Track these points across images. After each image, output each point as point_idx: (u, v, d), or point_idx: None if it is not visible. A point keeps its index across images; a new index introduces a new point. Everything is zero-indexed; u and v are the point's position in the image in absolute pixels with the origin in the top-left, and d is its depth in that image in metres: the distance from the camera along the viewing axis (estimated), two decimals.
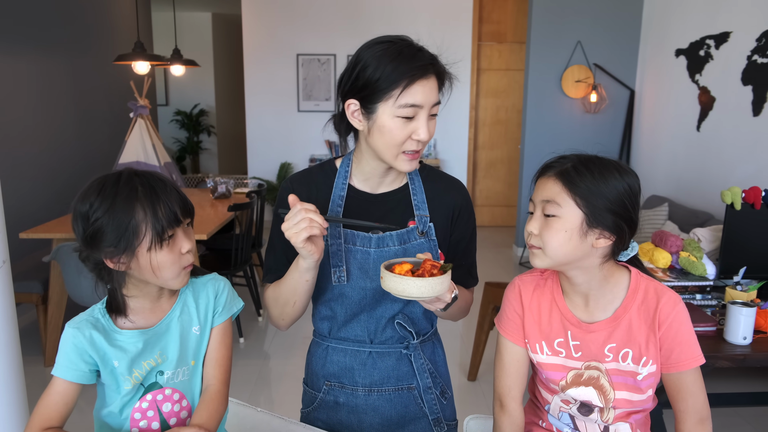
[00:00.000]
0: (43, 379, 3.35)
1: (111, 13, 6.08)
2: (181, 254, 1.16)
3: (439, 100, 1.26)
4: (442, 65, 1.26)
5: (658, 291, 1.25)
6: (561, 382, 1.30)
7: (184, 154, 9.88)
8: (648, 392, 1.26)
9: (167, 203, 1.13)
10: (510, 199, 7.43)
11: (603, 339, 1.26)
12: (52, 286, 3.45)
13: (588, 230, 1.17)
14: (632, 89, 5.62)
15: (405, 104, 1.20)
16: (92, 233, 1.10)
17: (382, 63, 1.20)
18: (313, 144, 7.22)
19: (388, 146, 1.25)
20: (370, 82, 1.21)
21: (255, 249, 4.58)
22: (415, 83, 1.19)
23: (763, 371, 3.43)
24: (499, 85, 7.27)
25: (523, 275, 1.38)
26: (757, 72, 3.90)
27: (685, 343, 1.22)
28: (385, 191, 1.39)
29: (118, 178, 1.13)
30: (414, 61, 1.20)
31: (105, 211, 1.09)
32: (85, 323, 1.19)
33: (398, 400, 1.41)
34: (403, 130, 1.22)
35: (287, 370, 3.51)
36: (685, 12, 4.80)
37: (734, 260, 2.41)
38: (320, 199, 1.36)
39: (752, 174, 3.91)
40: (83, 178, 1.14)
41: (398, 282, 1.13)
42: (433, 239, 1.36)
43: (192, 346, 1.26)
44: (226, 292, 1.32)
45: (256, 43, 6.99)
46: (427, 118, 1.23)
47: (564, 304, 1.30)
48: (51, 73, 4.92)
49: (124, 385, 1.18)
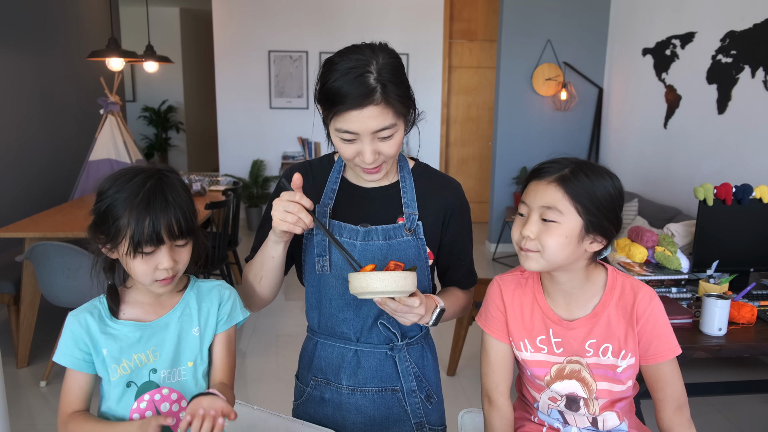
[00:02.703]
0: (16, 380, 3.29)
1: (80, 8, 5.95)
2: (156, 268, 1.16)
3: (385, 126, 1.20)
4: (394, 92, 1.19)
5: (635, 287, 1.30)
6: (546, 378, 1.34)
7: (153, 151, 9.73)
8: (628, 383, 1.31)
9: (154, 221, 1.12)
10: (482, 195, 7.51)
11: (583, 335, 1.30)
12: (24, 286, 3.38)
13: (585, 236, 1.20)
14: (601, 87, 5.74)
15: (339, 129, 1.21)
16: (96, 213, 1.16)
17: (328, 82, 1.19)
18: (285, 141, 7.19)
19: (342, 157, 1.29)
20: (320, 95, 1.23)
21: (231, 247, 4.54)
22: (347, 111, 1.17)
23: (732, 361, 3.56)
24: (470, 83, 7.34)
25: (504, 275, 1.41)
26: (721, 71, 4.02)
27: (663, 336, 1.27)
28: (376, 186, 1.40)
29: (137, 173, 1.16)
30: (353, 87, 1.16)
31: (109, 199, 1.14)
32: (83, 310, 1.22)
33: (381, 401, 1.43)
34: (348, 150, 1.23)
35: (266, 369, 3.51)
36: (651, 12, 4.92)
37: (707, 254, 2.50)
38: (315, 190, 1.39)
39: (717, 170, 4.04)
40: (52, 175, 1.17)
41: (361, 278, 1.13)
42: (420, 237, 1.37)
43: (190, 347, 1.27)
44: (231, 301, 1.33)
45: (227, 39, 6.92)
46: (371, 142, 1.21)
47: (545, 302, 1.34)
48: (18, 68, 4.80)
49: (111, 374, 1.19)
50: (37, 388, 3.23)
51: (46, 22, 5.27)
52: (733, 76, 3.89)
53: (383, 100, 1.17)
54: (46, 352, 3.62)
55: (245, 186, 6.96)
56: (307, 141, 7.09)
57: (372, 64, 1.18)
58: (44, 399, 3.14)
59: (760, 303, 2.37)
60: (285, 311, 4.48)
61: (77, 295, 3.13)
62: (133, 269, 1.16)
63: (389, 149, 1.24)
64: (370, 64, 1.18)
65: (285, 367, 3.49)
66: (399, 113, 1.22)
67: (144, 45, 5.81)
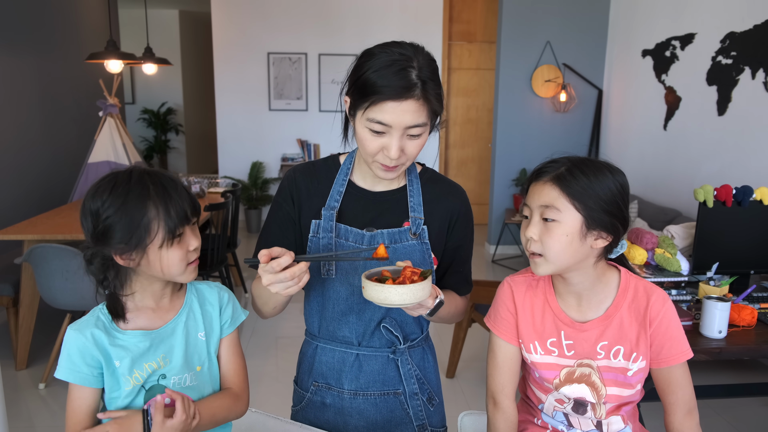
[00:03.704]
0: (15, 382, 3.28)
1: (79, 10, 5.95)
2: (188, 251, 1.18)
3: (418, 123, 1.20)
4: (432, 91, 1.21)
5: (648, 289, 1.29)
6: (555, 381, 1.33)
7: (152, 153, 9.73)
8: (637, 387, 1.30)
9: (178, 202, 1.14)
10: (481, 197, 7.50)
11: (595, 337, 1.29)
12: (23, 289, 3.38)
13: (587, 232, 1.19)
14: (600, 89, 5.74)
15: (372, 119, 1.19)
16: (103, 230, 1.12)
17: (368, 71, 1.18)
18: (284, 143, 7.18)
19: (362, 151, 1.27)
20: (356, 84, 1.22)
21: (230, 249, 4.54)
22: (385, 102, 1.17)
23: (733, 364, 3.55)
24: (469, 85, 7.34)
25: (515, 276, 1.41)
26: (721, 72, 4.02)
27: (675, 339, 1.27)
28: (383, 190, 1.39)
29: (129, 176, 1.14)
30: (394, 79, 1.16)
31: (117, 208, 1.11)
32: (86, 324, 1.18)
33: (384, 405, 1.42)
34: (373, 143, 1.22)
35: (265, 371, 3.50)
36: (651, 13, 4.92)
37: (707, 256, 2.49)
38: (320, 191, 1.38)
39: (717, 172, 4.03)
40: (51, 178, 1.15)
41: (379, 291, 1.13)
42: (425, 242, 1.36)
43: (198, 351, 1.26)
44: (232, 304, 1.33)
45: (226, 40, 6.92)
46: (400, 137, 1.21)
47: (557, 304, 1.33)
48: (17, 71, 4.80)
49: (124, 386, 1.18)
50: (36, 390, 3.22)
51: (45, 24, 5.27)
52: (734, 77, 3.89)
53: (422, 96, 1.19)
54: (45, 354, 3.62)
55: (244, 188, 6.96)
56: (307, 143, 7.08)
57: (414, 60, 1.20)
58: (43, 401, 3.13)
59: (761, 305, 2.36)
60: (284, 313, 4.42)
61: (76, 298, 3.13)
62: (169, 260, 1.15)
63: (413, 149, 1.24)
64: (413, 60, 1.20)
65: (284, 370, 3.48)
66: (432, 113, 1.23)
67: (144, 47, 5.80)
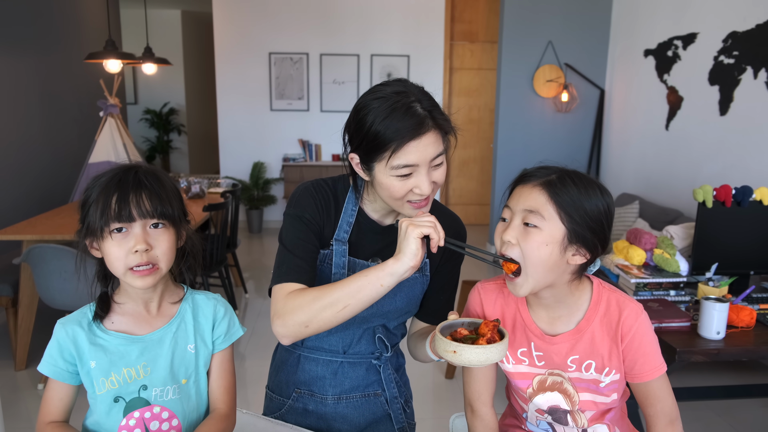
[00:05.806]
0: (14, 383, 3.28)
1: (79, 10, 5.96)
2: (130, 252, 1.12)
3: (440, 152, 1.19)
4: (440, 117, 1.19)
5: (620, 303, 1.24)
6: (528, 390, 1.31)
7: (154, 153, 9.74)
8: (612, 396, 1.27)
9: (122, 195, 1.10)
10: (483, 197, 7.49)
11: (566, 351, 1.26)
12: (22, 289, 3.37)
13: (567, 245, 1.15)
14: (602, 89, 5.72)
15: (398, 165, 1.16)
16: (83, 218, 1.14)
17: (375, 122, 1.15)
18: (286, 143, 7.18)
19: (390, 199, 1.23)
20: (365, 140, 1.18)
21: (230, 249, 4.53)
22: (407, 144, 1.14)
23: (732, 365, 3.53)
24: (471, 85, 7.32)
25: (486, 282, 1.37)
26: (723, 72, 3.99)
27: (648, 354, 1.23)
28: (392, 223, 1.38)
29: (120, 168, 1.15)
30: (405, 120, 1.14)
31: (87, 191, 1.14)
32: (72, 320, 1.18)
33: (366, 406, 1.44)
34: (403, 187, 1.19)
35: (264, 371, 3.49)
36: (653, 13, 4.90)
37: (706, 257, 2.47)
38: (329, 219, 1.34)
39: (719, 172, 4.01)
40: (52, 178, 1.17)
41: (481, 353, 1.07)
42: (426, 275, 1.37)
43: (185, 364, 1.23)
44: (228, 319, 1.29)
45: (227, 41, 6.93)
46: (427, 172, 1.18)
47: (528, 315, 1.30)
48: (18, 71, 4.80)
49: (97, 388, 1.15)
50: (35, 390, 3.22)
51: (46, 24, 5.27)
52: (735, 77, 3.86)
53: (435, 125, 1.18)
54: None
55: (246, 188, 6.96)
56: (308, 143, 7.08)
57: (411, 95, 1.18)
58: None
59: (760, 306, 2.35)
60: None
61: (74, 298, 3.13)
62: (107, 254, 1.12)
63: (440, 176, 1.22)
64: (410, 95, 1.18)
65: None
66: (445, 137, 1.21)
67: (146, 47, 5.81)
